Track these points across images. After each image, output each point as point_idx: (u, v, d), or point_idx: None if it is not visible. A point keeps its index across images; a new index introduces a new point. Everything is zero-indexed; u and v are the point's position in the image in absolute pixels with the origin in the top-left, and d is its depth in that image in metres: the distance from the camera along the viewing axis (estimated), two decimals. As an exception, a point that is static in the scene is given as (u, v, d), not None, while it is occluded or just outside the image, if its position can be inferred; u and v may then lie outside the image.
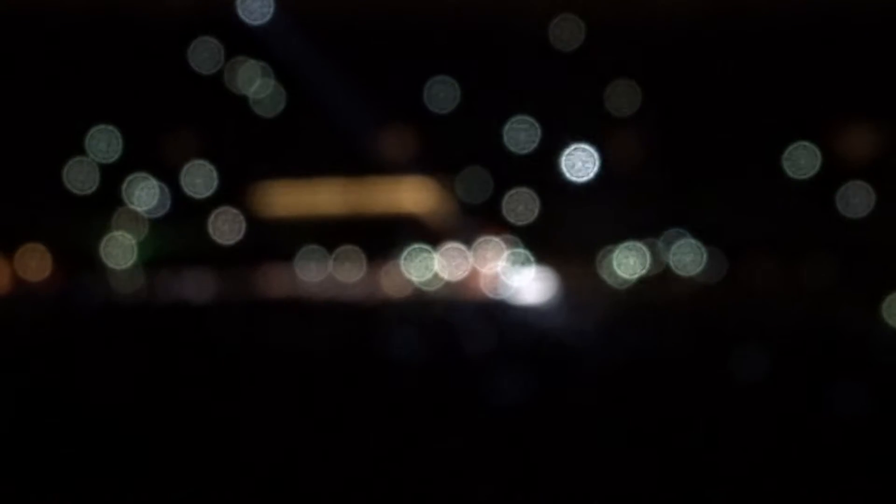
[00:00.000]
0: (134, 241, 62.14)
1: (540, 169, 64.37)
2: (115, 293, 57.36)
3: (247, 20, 69.03)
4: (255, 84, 69.35)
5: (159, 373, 29.51)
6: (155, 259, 60.91)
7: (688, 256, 61.21)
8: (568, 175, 62.44)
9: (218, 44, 68.39)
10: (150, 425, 21.99)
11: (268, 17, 71.27)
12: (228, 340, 37.02)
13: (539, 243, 61.05)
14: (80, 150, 65.45)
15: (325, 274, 61.32)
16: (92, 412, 23.58)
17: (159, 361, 31.91)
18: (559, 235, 60.94)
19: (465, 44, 69.26)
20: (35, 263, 58.00)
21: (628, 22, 69.76)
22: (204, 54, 68.11)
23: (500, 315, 49.12)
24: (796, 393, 26.75)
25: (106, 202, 64.34)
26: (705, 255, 60.86)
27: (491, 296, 56.92)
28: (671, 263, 61.22)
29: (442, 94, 68.17)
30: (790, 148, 63.10)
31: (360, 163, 66.81)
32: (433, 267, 60.80)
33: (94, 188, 64.74)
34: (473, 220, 63.42)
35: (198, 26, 70.24)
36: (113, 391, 27.76)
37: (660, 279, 60.18)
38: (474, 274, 58.81)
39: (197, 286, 57.02)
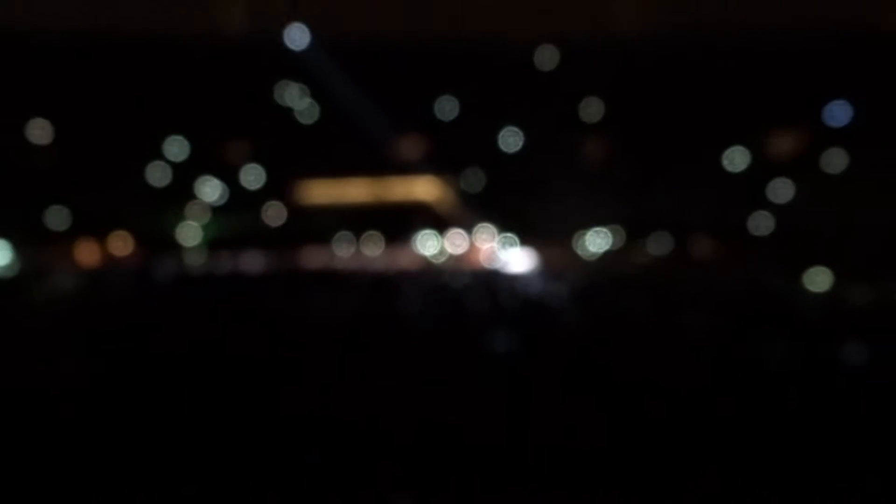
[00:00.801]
0: (200, 227, 62.51)
1: (525, 169, 64.74)
2: (185, 266, 57.87)
3: (291, 47, 69.69)
4: (298, 100, 70.19)
5: (218, 324, 30.53)
6: (216, 240, 61.76)
7: (647, 237, 61.41)
8: (547, 173, 62.14)
9: (267, 67, 69.19)
10: (217, 355, 22.80)
11: (307, 45, 71.82)
12: (274, 303, 38.15)
13: (525, 228, 61.75)
14: (158, 156, 66.30)
15: (354, 251, 61.85)
16: (166, 351, 24.58)
17: (217, 317, 33.03)
18: (542, 222, 61.13)
19: (465, 69, 69.98)
20: (121, 245, 58.81)
21: (596, 48, 70.33)
22: (255, 76, 68.83)
23: (492, 281, 50.41)
24: (732, 340, 27.43)
25: (178, 196, 64.85)
26: (659, 237, 60.95)
27: (485, 266, 57.15)
28: (629, 244, 61.44)
29: (447, 109, 68.85)
30: (727, 150, 63.88)
31: (381, 164, 67.70)
32: (440, 245, 61.78)
33: (168, 185, 65.49)
34: (472, 210, 64.10)
35: (250, 53, 70.96)
36: (182, 338, 28.72)
37: (619, 254, 60.36)
38: (473, 250, 59.78)
39: (249, 261, 57.94)
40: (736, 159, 63.69)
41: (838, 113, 64.03)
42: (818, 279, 49.88)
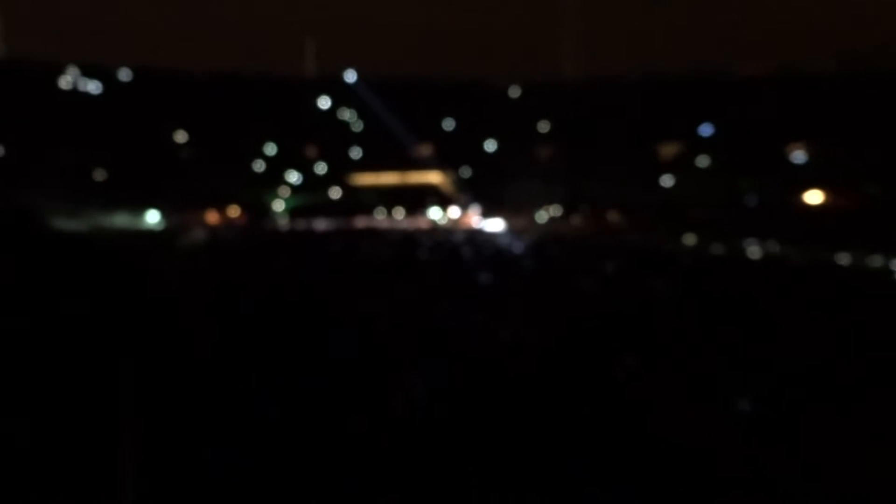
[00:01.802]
0: (285, 200, 62.54)
1: (499, 166, 64.90)
2: (274, 225, 57.84)
3: (347, 81, 71.06)
4: (349, 117, 71.66)
5: (300, 261, 32.04)
6: (296, 209, 61.67)
7: (577, 211, 60.78)
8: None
9: (330, 96, 70.60)
10: (297, 277, 24.99)
11: (356, 80, 73.34)
12: (337, 249, 38.98)
13: (498, 204, 62.07)
14: (260, 155, 67.13)
15: (387, 217, 61.94)
16: (267, 281, 26.24)
17: (299, 257, 34.13)
18: (509, 200, 61.43)
19: (461, 98, 71.45)
20: (234, 212, 58.06)
21: (548, 87, 71.66)
22: (322, 102, 70.35)
23: (476, 236, 50.81)
24: (634, 279, 29.25)
25: (272, 181, 64.97)
26: (584, 211, 61.20)
27: (472, 227, 57.20)
28: (565, 215, 61.54)
29: (448, 126, 70.75)
30: (633, 154, 63.49)
31: (405, 161, 68.60)
32: (444, 214, 62.16)
33: (265, 173, 65.80)
34: (464, 191, 64.84)
35: (319, 88, 72.24)
36: (274, 265, 30.68)
37: (558, 222, 59.88)
38: (464, 217, 59.49)
39: (317, 223, 57.92)
40: (638, 160, 64.18)
41: (705, 130, 66.02)
42: (689, 239, 49.67)
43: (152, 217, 54.49)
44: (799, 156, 63.23)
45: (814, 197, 57.77)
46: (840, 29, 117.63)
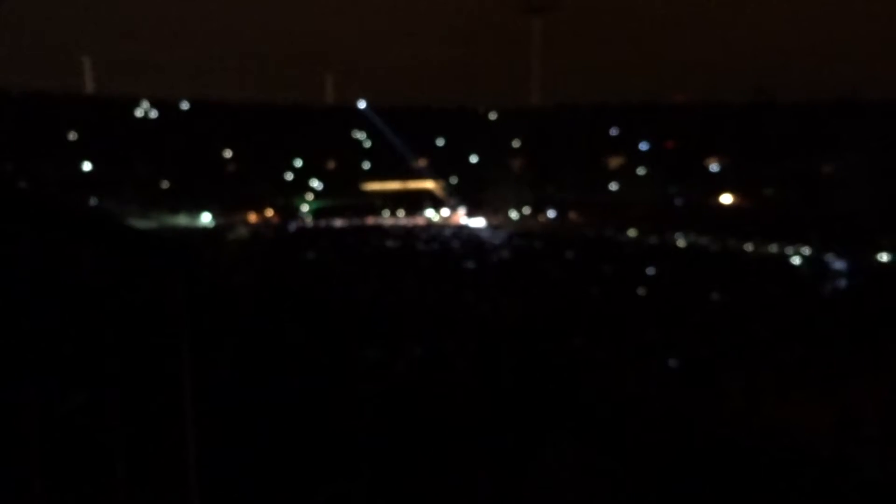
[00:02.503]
0: (310, 203, 62.11)
1: (481, 175, 64.36)
2: (303, 223, 56.78)
3: (359, 108, 70.66)
4: (360, 137, 71.35)
5: (323, 249, 31.88)
6: (318, 210, 61.14)
7: (544, 211, 59.93)
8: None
9: (346, 121, 70.20)
10: (319, 265, 24.74)
11: (366, 107, 73.04)
12: (352, 240, 38.94)
13: (480, 206, 61.30)
14: (290, 167, 66.68)
15: (391, 217, 60.80)
16: (296, 259, 25.95)
17: (322, 246, 33.96)
18: (488, 203, 60.91)
19: (452, 121, 71.28)
20: (270, 213, 57.58)
21: (520, 111, 71.49)
22: (338, 126, 69.86)
23: (462, 230, 51.04)
24: (588, 262, 29.38)
25: (300, 188, 64.41)
26: (550, 211, 60.35)
27: (460, 224, 56.84)
28: (533, 214, 60.72)
29: (440, 143, 70.59)
30: (587, 165, 63.01)
31: (407, 172, 68.15)
32: (437, 214, 61.85)
33: (293, 182, 65.18)
34: (453, 195, 64.61)
35: (337, 111, 71.91)
36: (301, 254, 30.45)
37: (528, 219, 59.12)
38: (453, 216, 59.29)
39: (336, 221, 57.15)
40: (591, 170, 63.98)
41: (643, 146, 66.17)
42: (631, 232, 49.81)
43: (205, 217, 54.05)
44: (714, 166, 63.47)
45: (726, 198, 58.01)
46: (752, 67, 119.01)
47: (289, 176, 68.32)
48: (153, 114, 70.59)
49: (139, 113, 70.16)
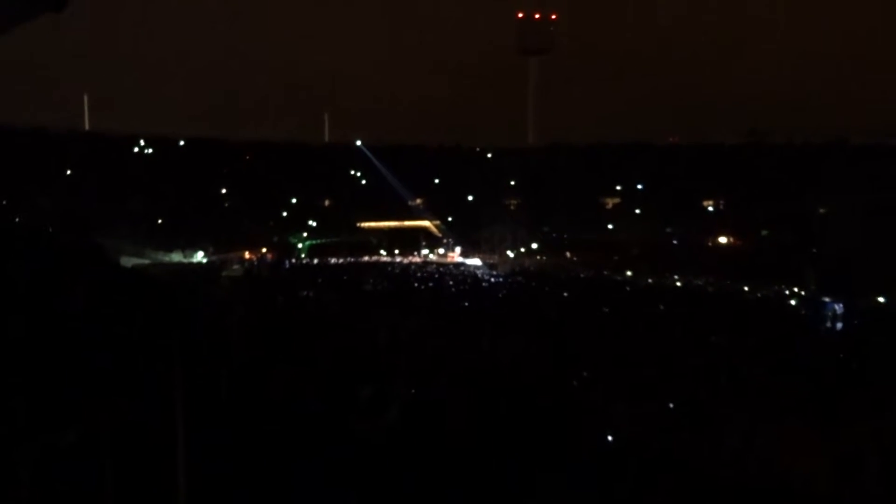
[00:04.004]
0: (306, 241, 62.07)
1: (477, 213, 64.38)
2: (299, 260, 57.06)
3: (355, 146, 71.05)
4: (356, 175, 71.58)
5: (319, 288, 31.81)
6: (315, 248, 61.22)
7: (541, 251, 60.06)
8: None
9: (343, 159, 70.47)
10: (321, 303, 24.62)
11: (362, 145, 73.46)
12: (348, 277, 38.79)
13: (477, 245, 61.34)
14: (286, 205, 66.75)
15: (388, 254, 61.26)
16: (292, 298, 25.96)
17: (318, 285, 33.88)
18: (486, 242, 60.90)
19: (448, 160, 71.76)
20: (266, 250, 57.41)
21: (516, 151, 72.04)
22: (334, 164, 70.18)
23: (458, 268, 51.23)
24: (584, 302, 29.32)
25: (296, 225, 64.40)
26: (543, 250, 60.62)
27: (456, 262, 56.73)
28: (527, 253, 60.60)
29: (436, 182, 71.02)
30: (583, 204, 63.25)
31: (403, 210, 68.40)
32: (433, 252, 61.79)
33: (290, 219, 65.16)
34: (449, 235, 64.55)
35: (333, 149, 72.29)
36: (299, 290, 30.32)
37: (526, 257, 59.03)
38: (450, 255, 59.20)
39: (332, 258, 57.32)
40: (586, 209, 64.37)
41: (638, 185, 66.63)
42: (627, 272, 49.59)
43: (199, 255, 53.79)
44: (710, 207, 64.32)
45: (722, 239, 58.29)
46: (747, 109, 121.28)
47: (285, 213, 69.14)
48: (149, 151, 71.25)
49: (135, 150, 70.79)
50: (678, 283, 45.01)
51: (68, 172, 62.24)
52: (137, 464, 4.44)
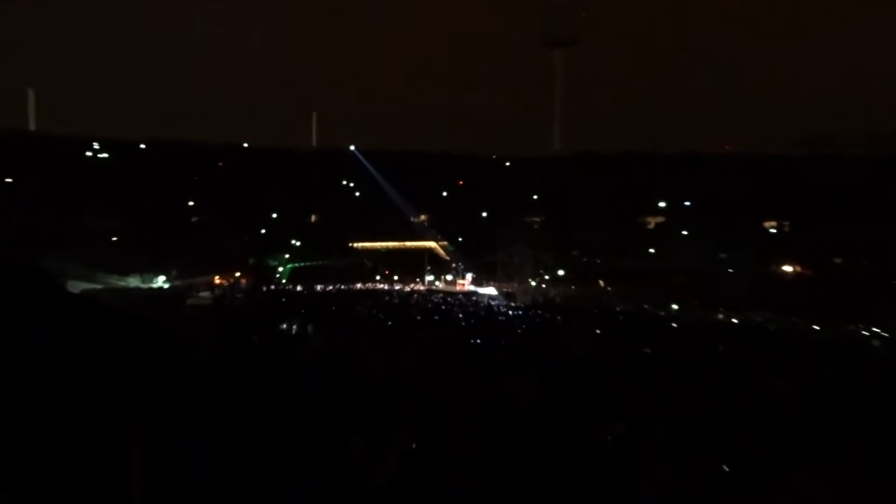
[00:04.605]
0: (288, 264, 62.41)
1: (492, 233, 64.27)
2: (279, 287, 57.29)
3: (350, 152, 71.30)
4: (350, 186, 71.94)
5: (302, 323, 31.92)
6: (298, 272, 61.63)
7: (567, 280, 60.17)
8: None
9: (334, 167, 70.86)
10: (304, 343, 24.69)
11: (358, 151, 73.84)
12: (337, 310, 38.77)
13: (491, 270, 61.67)
14: (266, 221, 67.20)
15: (385, 280, 61.62)
16: (263, 323, 26.17)
17: (300, 319, 33.88)
18: (503, 268, 61.28)
19: (458, 170, 72.10)
20: (239, 275, 57.84)
21: (539, 159, 72.22)
22: (323, 173, 70.64)
23: (469, 299, 51.04)
24: (626, 338, 29.28)
25: (276, 246, 64.84)
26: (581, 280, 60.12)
27: (466, 291, 56.63)
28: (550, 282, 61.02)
29: (443, 195, 71.16)
30: (619, 223, 63.21)
31: (404, 229, 68.72)
32: (440, 279, 62.00)
33: (270, 238, 65.66)
34: (458, 258, 64.71)
35: (323, 156, 72.50)
36: (272, 317, 30.66)
37: (551, 287, 59.45)
38: (459, 283, 59.33)
39: (319, 285, 57.36)
40: (623, 229, 64.44)
41: (684, 202, 66.47)
42: (672, 305, 49.31)
43: (160, 279, 54.17)
44: (773, 229, 63.97)
45: (786, 268, 58.09)
46: (807, 112, 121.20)
47: (264, 231, 69.35)
48: (104, 156, 72.14)
49: (87, 155, 71.49)
50: (734, 320, 44.69)
51: (7, 180, 62.73)
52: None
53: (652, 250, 63.20)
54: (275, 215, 68.20)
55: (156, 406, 8.82)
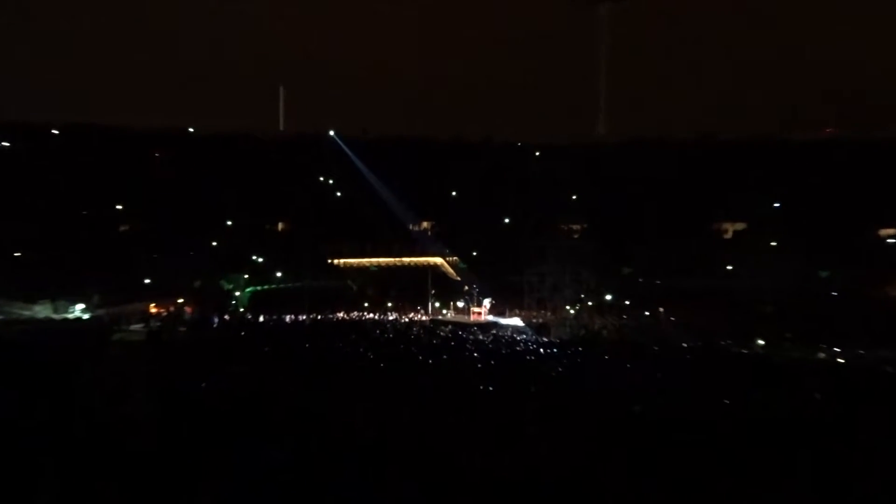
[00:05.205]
0: (248, 287, 62.79)
1: (521, 246, 64.23)
2: (234, 318, 57.10)
3: (331, 139, 71.19)
4: (330, 182, 71.89)
5: (260, 361, 32.13)
6: (261, 298, 62.51)
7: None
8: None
9: (303, 161, 70.68)
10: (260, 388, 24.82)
11: (341, 138, 73.90)
12: (310, 352, 38.74)
13: (518, 298, 62.30)
14: (219, 232, 67.03)
15: (376, 307, 62.11)
16: (220, 355, 26.35)
17: (257, 364, 34.03)
18: (531, 291, 62.19)
19: (471, 160, 72.01)
20: (184, 304, 58.23)
21: (578, 147, 71.98)
22: (294, 166, 70.40)
23: (489, 329, 51.21)
24: (699, 387, 29.12)
25: (232, 262, 65.24)
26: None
27: (483, 322, 56.30)
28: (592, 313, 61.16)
29: (453, 194, 70.90)
30: (684, 231, 62.62)
31: (402, 240, 69.33)
32: (448, 306, 62.04)
33: (223, 252, 65.89)
34: (473, 279, 64.64)
35: (295, 144, 72.58)
36: (223, 347, 30.95)
37: (595, 315, 59.56)
38: (474, 311, 59.17)
39: (288, 314, 57.96)
40: (690, 239, 64.43)
41: (769, 203, 65.90)
42: (757, 341, 48.93)
43: (78, 308, 54.27)
44: (889, 238, 63.04)
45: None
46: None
47: (214, 242, 68.70)
48: (5, 144, 71.63)
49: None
50: (839, 360, 44.22)
51: None
52: None
53: (729, 267, 63.01)
54: (230, 222, 67.84)
55: (66, 484, 8.68)
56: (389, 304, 62.53)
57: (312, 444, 15.70)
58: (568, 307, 60.27)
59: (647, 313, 58.96)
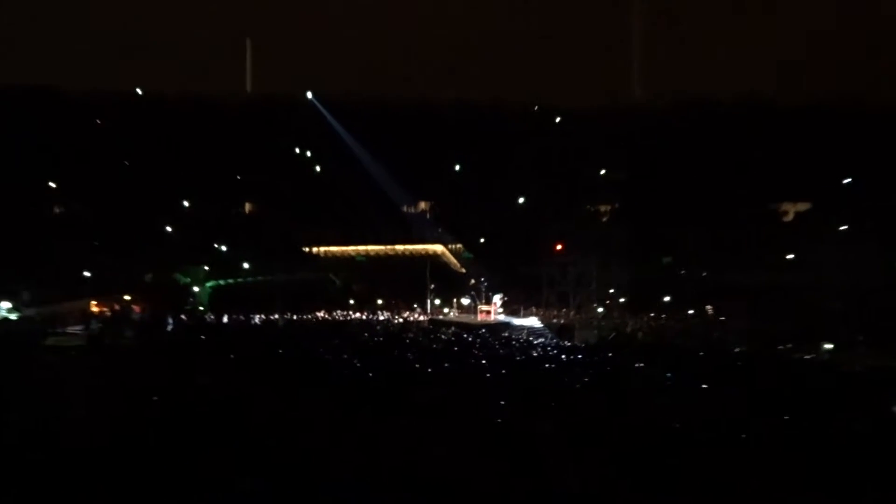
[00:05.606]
0: (209, 282, 63.39)
1: (538, 230, 65.06)
2: (192, 320, 57.96)
3: (309, 102, 71.35)
4: (308, 155, 72.28)
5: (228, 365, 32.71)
6: (224, 295, 62.88)
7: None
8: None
9: (274, 128, 71.10)
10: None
11: (322, 101, 74.14)
12: (285, 362, 39.17)
13: (536, 294, 63.34)
14: (174, 216, 67.47)
15: (363, 306, 63.03)
16: (177, 364, 26.83)
17: (219, 376, 34.47)
18: (553, 288, 63.18)
19: (477, 128, 72.33)
20: (131, 302, 58.93)
21: (607, 112, 72.06)
22: (264, 134, 70.70)
23: (499, 330, 51.98)
24: (758, 400, 29.24)
25: (189, 252, 65.74)
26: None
27: (492, 322, 56.64)
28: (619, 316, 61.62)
29: (456, 168, 71.12)
30: (734, 213, 62.96)
31: (394, 224, 69.57)
32: (451, 304, 62.55)
33: (179, 240, 66.39)
34: (480, 271, 65.11)
35: (266, 108, 72.92)
36: (180, 354, 32.42)
37: (624, 313, 60.57)
38: (482, 309, 59.42)
39: (258, 314, 58.68)
40: (741, 223, 64.85)
41: (840, 181, 65.74)
42: (824, 347, 48.90)
43: (4, 306, 54.24)
44: None
45: None
46: None
47: (168, 227, 69.20)
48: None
49: None
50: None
51: None
52: None
53: (790, 256, 62.86)
54: (186, 203, 67.48)
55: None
56: (380, 302, 62.80)
57: (286, 474, 15.87)
58: (595, 305, 60.32)
59: (690, 312, 58.70)
